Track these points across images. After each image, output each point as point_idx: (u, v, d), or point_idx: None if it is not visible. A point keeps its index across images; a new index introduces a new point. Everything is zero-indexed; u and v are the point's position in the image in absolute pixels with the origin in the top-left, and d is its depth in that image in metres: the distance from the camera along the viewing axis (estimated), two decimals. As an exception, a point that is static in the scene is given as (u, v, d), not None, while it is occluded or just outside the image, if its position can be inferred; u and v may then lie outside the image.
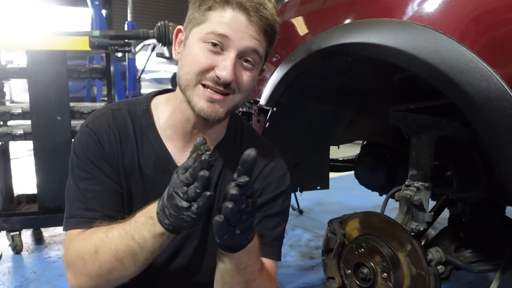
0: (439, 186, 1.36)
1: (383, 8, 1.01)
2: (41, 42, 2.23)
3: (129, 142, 0.98)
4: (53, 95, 2.26)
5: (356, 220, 1.12)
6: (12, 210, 2.44)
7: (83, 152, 0.95)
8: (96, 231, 0.87)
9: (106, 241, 0.83)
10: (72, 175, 0.96)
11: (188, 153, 0.99)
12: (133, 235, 0.81)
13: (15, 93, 7.16)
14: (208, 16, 0.89)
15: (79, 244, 0.87)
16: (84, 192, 0.93)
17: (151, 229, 0.79)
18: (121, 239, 0.82)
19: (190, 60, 0.91)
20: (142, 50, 8.79)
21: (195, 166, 0.72)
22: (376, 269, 1.04)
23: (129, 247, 0.81)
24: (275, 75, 1.32)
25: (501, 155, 0.79)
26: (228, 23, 0.88)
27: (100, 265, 0.84)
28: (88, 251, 0.84)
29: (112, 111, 1.00)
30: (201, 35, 0.90)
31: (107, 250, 0.83)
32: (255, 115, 1.46)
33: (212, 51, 0.89)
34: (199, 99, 0.91)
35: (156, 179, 0.98)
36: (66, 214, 0.95)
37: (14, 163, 2.65)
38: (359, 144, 1.86)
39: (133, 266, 0.83)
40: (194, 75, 0.90)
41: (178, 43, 0.98)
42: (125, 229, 0.83)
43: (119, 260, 0.82)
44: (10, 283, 2.07)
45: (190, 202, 0.72)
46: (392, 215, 1.11)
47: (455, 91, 0.82)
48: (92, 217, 0.91)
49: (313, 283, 2.10)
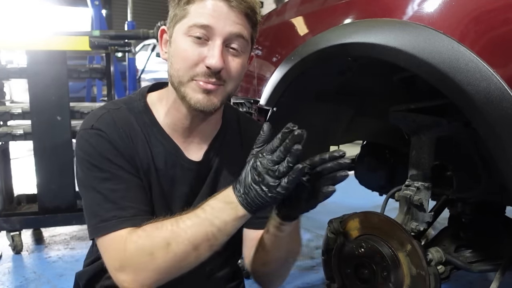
0: (439, 186, 1.36)
1: (383, 8, 1.01)
2: (41, 42, 2.23)
3: (139, 138, 0.98)
4: (53, 95, 2.26)
5: (356, 220, 1.12)
6: (12, 210, 2.44)
7: (97, 153, 0.92)
8: (161, 226, 0.86)
9: (179, 232, 0.84)
10: (89, 181, 0.92)
11: (189, 147, 1.04)
12: (212, 221, 0.83)
13: (15, 93, 7.16)
14: (188, 10, 0.90)
15: (143, 241, 0.85)
16: (110, 192, 0.91)
17: (231, 213, 0.82)
18: (198, 226, 0.84)
19: (178, 56, 0.92)
20: (142, 50, 8.78)
21: (288, 142, 0.77)
22: (376, 269, 1.04)
23: (207, 233, 0.83)
24: (275, 75, 1.32)
25: (501, 155, 0.79)
26: (209, 13, 0.89)
27: (175, 256, 0.84)
28: (158, 245, 0.84)
29: (112, 110, 0.99)
30: (184, 29, 0.90)
31: (183, 240, 0.83)
32: (255, 115, 1.46)
33: (197, 43, 0.90)
34: (194, 92, 0.92)
35: (167, 172, 1.00)
36: (96, 219, 0.90)
37: (14, 163, 2.65)
38: (359, 144, 1.86)
39: (208, 251, 0.85)
40: (185, 71, 0.91)
41: (164, 44, 0.98)
42: (199, 217, 0.84)
43: (195, 248, 0.84)
44: (10, 283, 2.07)
45: (279, 179, 0.77)
46: (392, 215, 1.10)
47: (455, 91, 0.82)
48: (131, 215, 0.89)
49: (313, 283, 2.10)
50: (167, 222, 0.86)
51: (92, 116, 0.99)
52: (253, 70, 1.46)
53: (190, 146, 1.04)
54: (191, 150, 1.04)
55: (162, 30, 0.98)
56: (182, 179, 0.95)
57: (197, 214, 0.85)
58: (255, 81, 1.45)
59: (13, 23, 5.06)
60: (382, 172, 1.72)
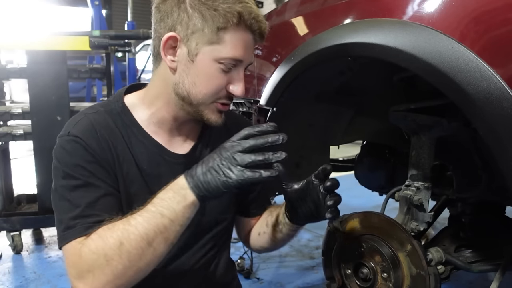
0: (439, 186, 1.36)
1: (383, 8, 1.01)
2: (41, 42, 2.23)
3: (118, 141, 0.97)
4: (53, 95, 2.26)
5: (356, 220, 1.11)
6: (12, 210, 2.45)
7: (71, 160, 0.91)
8: (112, 227, 0.84)
9: (130, 229, 0.82)
10: (61, 190, 0.91)
11: (176, 142, 1.06)
12: (162, 212, 0.83)
13: (15, 93, 7.16)
14: (223, 37, 0.90)
15: (95, 244, 0.83)
16: (79, 200, 0.89)
17: (181, 200, 0.83)
18: (148, 220, 0.83)
19: (205, 80, 0.93)
20: (142, 50, 8.78)
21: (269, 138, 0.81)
22: (376, 269, 1.04)
23: (159, 226, 0.83)
24: (275, 75, 1.32)
25: (501, 155, 0.79)
26: (242, 46, 0.92)
27: (129, 255, 0.81)
28: (111, 246, 0.81)
29: (90, 114, 0.98)
30: (217, 57, 0.91)
31: (135, 237, 0.81)
32: (255, 115, 1.46)
33: (226, 70, 0.93)
34: (212, 113, 0.97)
35: (153, 171, 1.00)
36: (62, 227, 0.88)
37: (14, 163, 2.66)
38: (359, 144, 1.86)
39: (163, 245, 0.84)
40: (210, 95, 0.95)
41: (171, 49, 0.93)
42: (149, 211, 0.84)
43: (149, 243, 0.82)
44: (10, 283, 2.07)
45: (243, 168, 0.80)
46: (392, 215, 1.10)
47: (455, 91, 0.82)
48: (94, 221, 0.86)
49: (313, 283, 2.10)
50: (119, 222, 0.85)
51: (70, 122, 0.98)
52: (253, 70, 1.46)
53: (176, 141, 1.05)
54: (177, 144, 1.05)
55: (173, 36, 0.91)
56: (169, 176, 0.95)
57: (147, 209, 0.84)
58: (255, 81, 1.45)
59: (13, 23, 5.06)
60: (382, 172, 1.72)
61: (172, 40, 0.92)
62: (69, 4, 7.18)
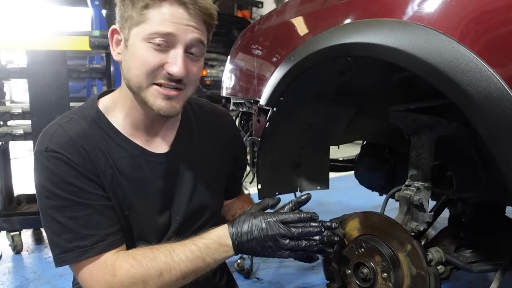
0: (439, 186, 1.36)
1: (383, 8, 1.01)
2: (41, 42, 2.23)
3: (97, 148, 0.95)
4: (53, 95, 2.26)
5: (356, 220, 1.12)
6: (12, 210, 2.44)
7: (55, 179, 0.89)
8: (154, 258, 0.90)
9: (173, 265, 0.90)
10: (48, 210, 0.91)
11: (155, 142, 1.04)
12: (205, 259, 0.91)
13: (15, 93, 7.16)
14: (147, 15, 0.88)
15: (136, 270, 0.89)
16: (70, 221, 0.89)
17: (223, 253, 0.93)
18: (191, 261, 0.91)
19: (137, 62, 0.90)
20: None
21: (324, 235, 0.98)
22: (376, 269, 1.04)
23: (199, 268, 0.92)
24: (275, 75, 1.32)
25: (501, 156, 0.79)
26: (170, 20, 0.88)
27: (165, 284, 0.90)
28: (152, 275, 0.89)
29: (64, 124, 0.95)
30: (144, 36, 0.89)
31: (176, 272, 0.90)
32: (255, 115, 1.46)
33: (158, 50, 0.89)
34: (155, 98, 0.92)
35: (135, 174, 0.99)
36: (58, 250, 0.90)
37: (14, 163, 2.65)
38: (359, 144, 1.86)
39: (192, 279, 0.94)
40: (144, 77, 0.91)
41: (116, 44, 0.95)
42: (194, 253, 0.91)
43: (184, 278, 0.91)
44: (10, 283, 2.07)
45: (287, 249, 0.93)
46: (392, 215, 1.10)
47: (455, 91, 0.82)
48: (92, 243, 0.89)
49: (313, 283, 2.10)
50: (160, 253, 0.90)
51: (44, 135, 0.94)
52: (253, 70, 1.46)
53: (155, 141, 1.04)
54: (156, 143, 1.04)
55: (113, 29, 0.95)
56: (153, 176, 0.95)
57: (192, 250, 0.91)
58: (255, 81, 1.45)
59: (13, 23, 5.06)
60: (382, 172, 1.72)
61: (116, 33, 0.94)
62: (69, 4, 7.18)
